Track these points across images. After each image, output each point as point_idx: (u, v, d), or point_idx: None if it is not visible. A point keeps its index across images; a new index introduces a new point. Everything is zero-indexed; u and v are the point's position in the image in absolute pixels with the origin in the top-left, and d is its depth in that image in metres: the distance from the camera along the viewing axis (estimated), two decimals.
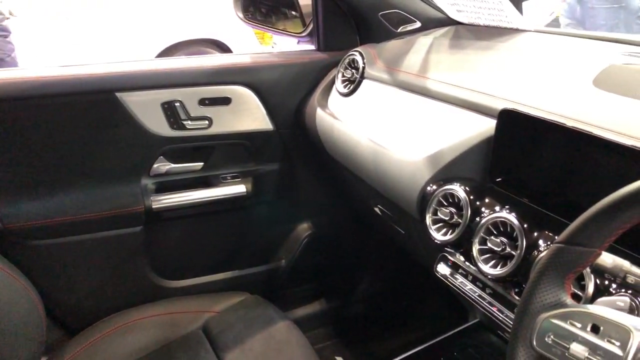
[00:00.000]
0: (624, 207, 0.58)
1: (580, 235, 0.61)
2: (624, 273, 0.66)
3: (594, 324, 0.59)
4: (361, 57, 1.48)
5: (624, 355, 0.56)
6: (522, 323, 0.64)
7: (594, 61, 1.07)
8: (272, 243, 1.78)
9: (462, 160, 1.06)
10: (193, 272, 1.67)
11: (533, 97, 1.01)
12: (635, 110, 0.88)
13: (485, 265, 0.93)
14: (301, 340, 1.32)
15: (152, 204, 1.51)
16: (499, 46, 1.34)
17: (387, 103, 1.34)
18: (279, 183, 1.67)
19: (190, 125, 1.50)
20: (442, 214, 1.03)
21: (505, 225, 0.92)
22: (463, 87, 1.16)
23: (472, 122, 1.08)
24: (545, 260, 0.63)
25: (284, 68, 1.58)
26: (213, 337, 1.34)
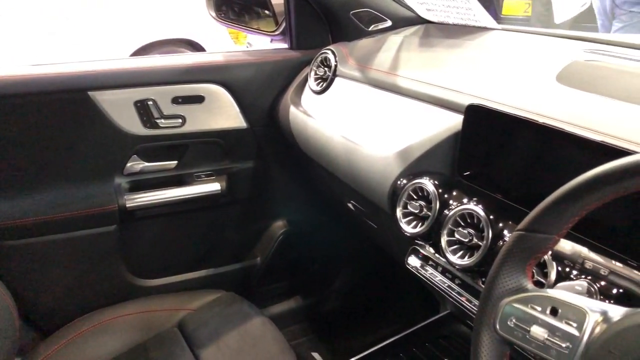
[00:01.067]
0: (579, 195, 0.60)
1: (539, 222, 0.64)
2: (582, 259, 0.69)
3: (553, 306, 0.62)
4: (333, 56, 1.50)
5: (580, 335, 0.59)
6: (485, 308, 0.67)
7: (557, 58, 1.11)
8: (247, 241, 1.79)
9: (431, 154, 1.09)
10: (168, 270, 1.67)
11: (499, 93, 1.04)
12: (595, 105, 0.91)
13: (453, 256, 0.96)
14: (276, 335, 1.33)
15: (126, 202, 1.51)
16: (467, 44, 1.37)
17: (359, 100, 1.36)
18: (253, 181, 1.68)
19: (163, 123, 1.50)
20: (412, 207, 1.06)
21: (472, 216, 0.95)
22: (432, 84, 1.18)
23: (440, 118, 1.11)
24: (506, 247, 0.66)
25: (257, 66, 1.59)
26: (188, 334, 1.34)
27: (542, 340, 0.61)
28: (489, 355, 0.66)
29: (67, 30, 4.39)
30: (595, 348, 0.57)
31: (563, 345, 0.60)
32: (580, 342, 0.59)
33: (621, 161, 0.57)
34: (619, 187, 0.58)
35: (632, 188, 0.57)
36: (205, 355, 1.28)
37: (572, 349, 0.59)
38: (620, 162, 0.57)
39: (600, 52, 1.15)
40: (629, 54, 1.13)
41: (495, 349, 0.66)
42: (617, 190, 0.58)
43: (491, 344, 0.66)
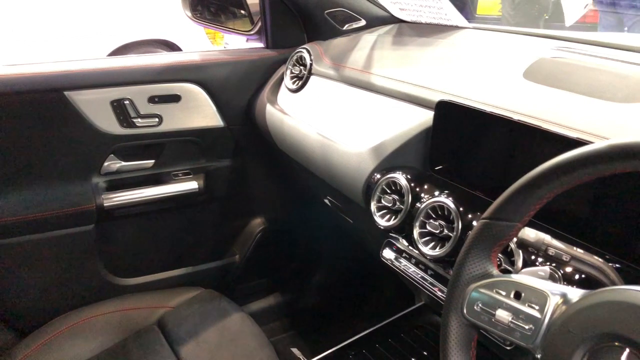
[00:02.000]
0: (539, 184, 0.63)
1: (503, 211, 0.67)
2: (546, 246, 0.72)
3: (517, 291, 0.65)
4: (308, 54, 1.52)
5: (541, 317, 0.62)
6: (453, 294, 0.70)
7: (525, 55, 1.14)
8: (225, 238, 1.80)
9: (403, 150, 1.12)
10: (147, 269, 1.68)
11: (468, 89, 1.07)
12: (558, 99, 0.95)
13: (425, 247, 0.99)
14: (255, 330, 1.35)
15: (103, 202, 1.51)
16: (439, 42, 1.40)
17: (334, 98, 1.39)
18: (231, 179, 1.70)
19: (140, 123, 1.51)
20: (385, 201, 1.08)
21: (443, 209, 0.98)
22: (404, 81, 1.21)
23: (412, 114, 1.14)
24: (472, 235, 0.69)
25: (233, 65, 1.60)
26: (168, 331, 1.35)
27: (507, 323, 0.64)
28: (457, 339, 0.68)
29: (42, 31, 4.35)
30: (556, 328, 0.60)
31: (526, 327, 0.63)
32: (542, 324, 0.62)
33: (576, 151, 0.60)
34: (574, 176, 0.61)
35: (587, 176, 0.61)
36: (185, 351, 1.29)
37: (535, 330, 0.62)
38: (575, 152, 0.60)
39: (566, 50, 1.19)
40: (593, 51, 1.18)
41: (463, 333, 0.68)
42: (573, 179, 0.61)
43: (459, 329, 0.68)
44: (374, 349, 1.19)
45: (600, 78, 1.01)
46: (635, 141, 0.57)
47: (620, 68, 1.05)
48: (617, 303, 0.56)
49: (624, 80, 0.99)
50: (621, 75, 1.01)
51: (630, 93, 0.92)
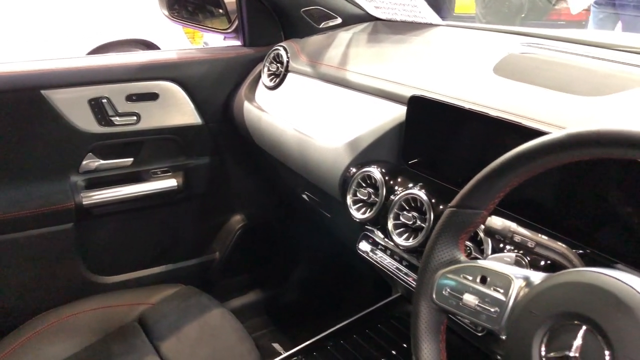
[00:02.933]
0: (502, 173, 0.66)
1: (468, 199, 0.69)
2: (512, 233, 0.75)
3: (483, 275, 0.68)
4: (285, 52, 1.54)
5: (506, 300, 0.65)
6: (423, 280, 0.72)
7: (495, 51, 1.17)
8: (205, 236, 1.81)
9: (378, 144, 1.15)
10: (127, 267, 1.68)
11: (440, 85, 1.10)
12: (528, 94, 0.98)
13: (399, 238, 1.02)
14: (235, 325, 1.37)
15: (82, 200, 1.51)
16: (412, 39, 1.43)
17: (311, 94, 1.41)
18: (210, 176, 1.71)
19: (118, 121, 1.51)
20: (361, 195, 1.11)
21: (416, 201, 1.01)
22: (378, 77, 1.24)
23: (386, 110, 1.17)
24: (440, 223, 0.71)
25: (210, 63, 1.62)
26: (149, 327, 1.36)
27: (474, 306, 0.67)
28: (427, 324, 0.71)
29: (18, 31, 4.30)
30: (519, 310, 0.63)
31: (492, 310, 0.66)
32: (507, 306, 0.65)
33: (536, 141, 0.63)
34: (535, 164, 0.64)
35: (547, 164, 0.63)
36: (166, 347, 1.30)
37: (500, 313, 0.65)
38: (535, 142, 0.63)
39: (535, 46, 1.23)
40: (560, 47, 1.21)
41: (433, 318, 0.71)
42: (534, 167, 0.64)
43: (429, 314, 0.71)
44: (352, 339, 1.22)
45: (567, 72, 1.04)
46: (591, 130, 0.60)
47: (586, 63, 1.09)
48: (575, 284, 0.59)
49: (590, 74, 1.02)
50: (587, 69, 1.05)
51: (595, 86, 0.95)
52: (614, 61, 1.07)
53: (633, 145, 0.56)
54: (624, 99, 0.89)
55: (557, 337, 0.58)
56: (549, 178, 0.86)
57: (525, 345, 0.59)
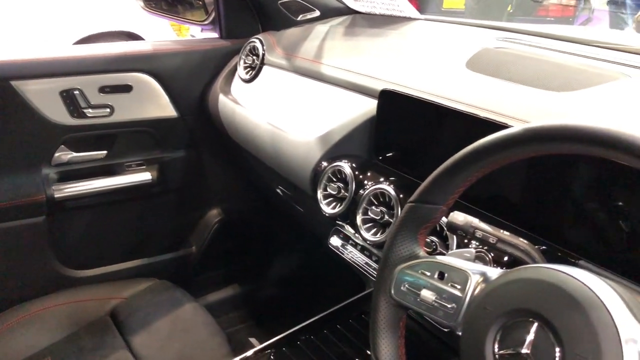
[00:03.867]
0: (461, 168, 0.65)
1: (428, 194, 0.69)
2: (474, 229, 0.74)
3: (440, 271, 0.67)
4: (261, 44, 1.52)
5: (463, 296, 0.64)
6: (382, 275, 0.71)
7: (470, 46, 1.17)
8: (181, 230, 1.80)
9: (349, 138, 1.14)
10: (102, 260, 1.66)
11: (412, 79, 1.09)
12: (498, 89, 0.98)
13: (367, 233, 1.01)
14: (207, 319, 1.36)
15: (54, 193, 1.49)
16: (389, 33, 1.42)
17: (285, 88, 1.40)
18: (186, 170, 1.69)
19: (91, 113, 1.49)
20: (331, 189, 1.10)
21: (384, 196, 1.00)
22: (352, 70, 1.23)
23: (359, 103, 1.16)
24: (400, 218, 0.71)
25: (185, 55, 1.60)
26: (120, 322, 1.35)
27: (431, 302, 0.66)
28: (385, 319, 0.70)
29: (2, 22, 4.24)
30: (474, 306, 0.62)
31: (449, 306, 0.65)
32: (464, 302, 0.64)
33: (493, 136, 0.62)
34: (492, 159, 0.63)
35: (505, 159, 0.63)
36: (136, 342, 1.29)
37: (457, 309, 0.64)
38: (492, 137, 0.62)
39: (510, 40, 1.22)
40: (535, 42, 1.21)
41: (391, 314, 0.70)
42: (491, 162, 0.63)
43: (387, 309, 0.70)
44: (322, 334, 1.21)
45: (539, 67, 1.04)
46: (549, 125, 0.59)
47: (558, 58, 1.09)
48: (528, 280, 0.58)
49: (561, 70, 1.02)
50: (559, 64, 1.05)
51: (565, 82, 0.95)
52: (587, 57, 1.07)
53: (589, 142, 0.55)
54: (593, 94, 0.89)
55: (510, 334, 0.57)
56: (517, 173, 0.86)
57: (479, 342, 0.59)
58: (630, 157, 0.52)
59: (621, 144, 0.52)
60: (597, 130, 0.54)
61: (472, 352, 0.59)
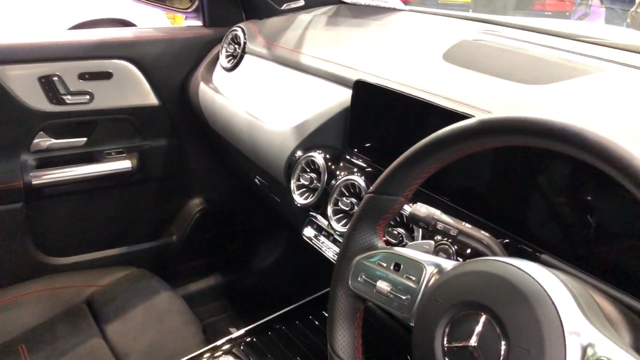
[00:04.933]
0: (418, 160, 0.65)
1: (386, 185, 0.68)
2: (435, 221, 0.74)
3: (396, 262, 0.66)
4: (243, 33, 1.51)
5: (417, 287, 0.64)
6: (340, 266, 0.71)
7: (449, 38, 1.16)
8: (162, 219, 1.79)
9: (325, 129, 1.13)
10: (80, 248, 1.66)
11: (388, 69, 1.09)
12: (472, 81, 0.97)
13: (337, 224, 1.01)
14: (182, 308, 1.35)
15: (32, 180, 1.48)
16: (372, 24, 1.41)
17: (265, 77, 1.39)
18: (167, 158, 1.68)
19: (70, 100, 1.48)
20: (304, 180, 1.10)
21: (354, 187, 1.00)
22: (330, 60, 1.22)
23: (335, 93, 1.15)
24: (359, 209, 0.70)
25: (167, 43, 1.58)
26: (96, 310, 1.34)
27: (386, 293, 0.66)
28: (343, 309, 0.70)
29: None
30: (426, 298, 0.62)
31: (403, 297, 0.65)
32: (418, 294, 0.64)
33: (448, 128, 0.62)
34: (448, 151, 0.62)
35: (460, 151, 0.62)
36: (111, 329, 1.29)
37: (411, 300, 0.64)
38: (447, 129, 0.62)
39: (490, 33, 1.21)
40: (515, 35, 1.20)
41: (348, 304, 0.70)
42: (447, 154, 0.63)
43: (345, 299, 0.70)
44: (294, 325, 1.21)
45: (515, 60, 1.03)
46: (502, 117, 0.58)
47: (535, 51, 1.08)
48: (479, 273, 0.58)
49: (536, 63, 1.01)
50: (535, 57, 1.04)
51: (539, 75, 0.94)
52: (566, 50, 1.06)
53: (536, 134, 0.55)
54: (565, 88, 0.88)
55: (459, 327, 0.56)
56: (486, 165, 0.85)
57: (429, 334, 0.58)
58: (574, 149, 0.51)
59: (566, 136, 0.51)
60: (543, 122, 0.53)
61: (423, 345, 0.59)
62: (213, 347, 1.14)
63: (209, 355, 1.14)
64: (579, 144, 0.52)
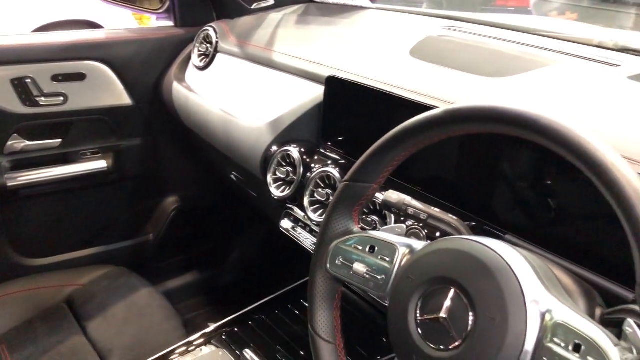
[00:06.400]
0: (389, 148, 0.70)
1: (360, 173, 0.73)
2: (406, 206, 0.79)
3: (371, 245, 0.71)
4: (215, 33, 1.54)
5: (391, 267, 0.68)
6: (319, 251, 0.75)
7: (415, 34, 1.21)
8: (138, 217, 1.80)
9: (299, 124, 1.17)
10: (58, 249, 1.66)
11: (358, 66, 1.13)
12: (437, 75, 1.02)
13: (314, 214, 1.05)
14: (163, 303, 1.38)
15: (6, 182, 1.48)
16: (341, 22, 1.46)
17: (238, 75, 1.42)
18: (142, 158, 1.70)
19: (44, 101, 1.49)
20: (280, 173, 1.14)
21: (330, 178, 1.04)
22: (302, 58, 1.26)
23: (307, 89, 1.19)
24: (335, 196, 0.74)
25: (139, 43, 1.60)
26: (76, 308, 1.36)
27: (362, 274, 0.70)
28: (322, 292, 0.74)
29: None
30: (400, 277, 0.66)
31: (379, 277, 0.69)
32: (392, 273, 0.68)
33: (416, 118, 0.67)
34: (417, 140, 0.67)
35: (428, 140, 0.67)
36: (92, 327, 1.31)
37: (386, 279, 0.69)
38: (415, 119, 0.67)
39: (454, 29, 1.27)
40: (478, 30, 1.26)
41: (327, 286, 0.74)
42: (416, 142, 0.67)
43: (324, 282, 0.74)
44: (274, 314, 1.25)
45: (477, 55, 1.09)
46: (466, 106, 0.63)
47: (496, 45, 1.14)
48: (447, 250, 0.63)
49: (498, 57, 1.07)
50: (496, 52, 1.10)
51: (500, 68, 1.00)
52: (524, 44, 1.13)
53: (497, 121, 0.60)
54: (524, 80, 0.94)
55: (430, 301, 0.61)
56: (452, 154, 0.91)
57: (403, 309, 0.63)
58: (530, 134, 0.56)
59: (523, 122, 0.57)
60: (500, 109, 0.58)
61: (397, 319, 0.64)
62: (195, 338, 1.17)
63: (191, 347, 1.17)
64: (532, 128, 0.57)
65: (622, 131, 0.76)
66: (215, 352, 1.13)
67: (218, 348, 1.14)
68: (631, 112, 0.83)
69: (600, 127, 0.77)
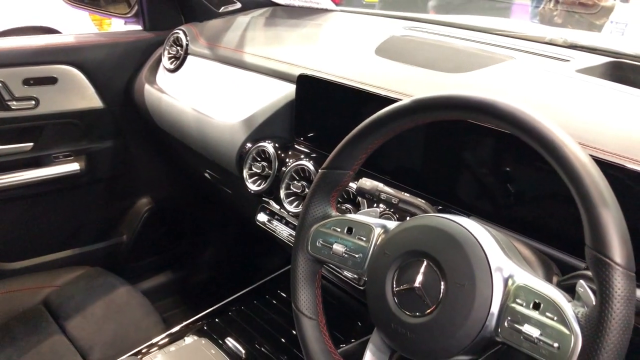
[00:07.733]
0: (363, 136, 0.76)
1: (336, 161, 0.78)
2: (379, 192, 0.85)
3: (349, 227, 0.77)
4: (185, 35, 1.57)
5: (368, 246, 0.75)
6: (300, 235, 0.81)
7: (379, 34, 1.28)
8: (112, 219, 1.82)
9: (272, 121, 1.22)
10: (32, 251, 1.67)
11: (327, 64, 1.19)
12: (401, 72, 1.09)
13: (290, 206, 1.10)
14: (141, 300, 1.41)
15: None
16: (307, 23, 1.52)
17: (209, 76, 1.46)
18: (114, 160, 1.72)
19: (15, 105, 1.49)
20: (256, 168, 1.19)
21: (304, 171, 1.10)
22: (272, 58, 1.31)
23: (279, 88, 1.24)
24: (314, 183, 0.80)
25: (109, 47, 1.62)
26: (54, 309, 1.37)
27: (341, 254, 0.76)
28: (303, 272, 0.80)
29: None
30: (376, 254, 0.73)
31: (356, 256, 0.75)
32: (369, 251, 0.74)
33: (387, 108, 0.73)
34: (388, 128, 0.73)
35: (399, 127, 0.73)
36: (71, 325, 1.33)
37: (363, 257, 0.75)
38: (387, 109, 0.73)
39: (416, 29, 1.35)
40: (438, 30, 1.34)
41: (308, 267, 0.80)
42: (388, 130, 0.74)
43: (305, 263, 0.80)
44: (253, 305, 1.30)
45: (438, 52, 1.17)
46: (433, 95, 0.70)
47: (456, 43, 1.22)
48: (419, 226, 0.69)
49: (457, 54, 1.15)
50: (455, 49, 1.18)
51: (459, 64, 1.07)
52: (482, 42, 1.21)
53: (461, 108, 0.66)
54: (482, 75, 1.02)
55: (405, 273, 0.68)
56: (419, 144, 0.97)
57: (380, 282, 0.69)
58: (489, 118, 0.63)
59: (482, 107, 0.64)
60: (464, 97, 0.65)
61: (375, 292, 0.70)
62: (176, 330, 1.21)
63: (171, 339, 1.20)
64: (491, 113, 0.64)
65: (571, 119, 0.85)
66: (197, 341, 1.16)
67: (200, 337, 1.18)
68: (579, 102, 0.91)
69: (552, 114, 0.85)
